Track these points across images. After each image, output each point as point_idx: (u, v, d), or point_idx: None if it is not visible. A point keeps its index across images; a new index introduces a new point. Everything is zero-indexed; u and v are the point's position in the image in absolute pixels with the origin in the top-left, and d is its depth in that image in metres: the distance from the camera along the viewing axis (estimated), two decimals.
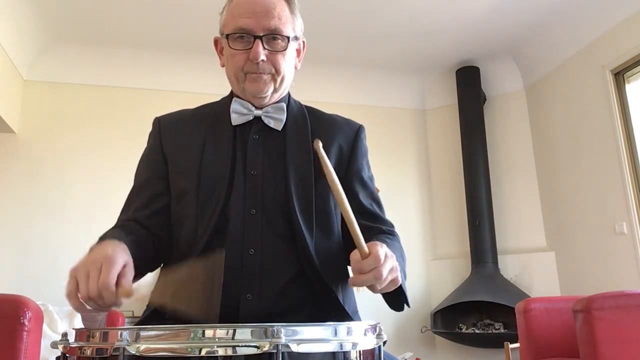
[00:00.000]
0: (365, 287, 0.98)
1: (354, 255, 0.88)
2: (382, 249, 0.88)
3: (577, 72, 4.08)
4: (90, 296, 0.81)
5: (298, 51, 1.19)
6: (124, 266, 0.86)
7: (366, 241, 1.00)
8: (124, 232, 1.03)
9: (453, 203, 4.71)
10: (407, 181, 4.81)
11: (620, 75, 3.74)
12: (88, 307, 0.83)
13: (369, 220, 1.14)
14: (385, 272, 0.87)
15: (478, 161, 4.50)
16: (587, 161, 3.96)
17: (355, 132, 1.20)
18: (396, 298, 1.00)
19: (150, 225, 1.10)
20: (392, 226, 1.17)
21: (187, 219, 1.07)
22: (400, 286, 0.95)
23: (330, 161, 1.12)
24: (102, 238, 1.00)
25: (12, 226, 3.88)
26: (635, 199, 3.54)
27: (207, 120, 1.16)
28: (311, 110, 1.21)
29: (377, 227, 1.13)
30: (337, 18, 3.95)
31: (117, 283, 0.83)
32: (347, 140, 1.17)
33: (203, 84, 4.12)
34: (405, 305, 1.02)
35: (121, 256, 0.87)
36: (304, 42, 1.20)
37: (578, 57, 4.07)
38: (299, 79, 1.20)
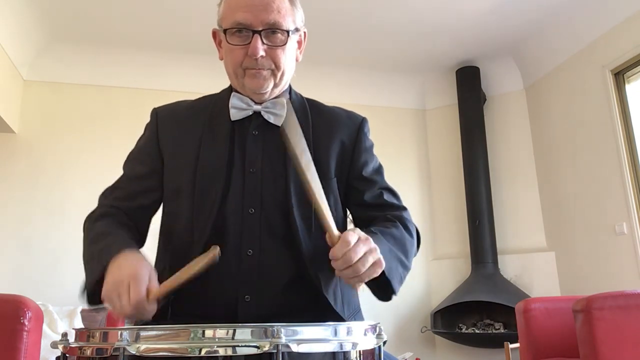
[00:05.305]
0: (364, 286, 0.97)
1: (328, 241, 0.88)
2: (353, 234, 0.87)
3: (577, 72, 4.08)
4: (127, 315, 0.85)
5: (299, 43, 1.15)
6: (149, 276, 0.89)
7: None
8: (124, 232, 1.03)
9: (453, 203, 4.71)
10: (407, 181, 4.80)
11: (620, 75, 3.74)
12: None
13: (377, 211, 1.12)
14: (356, 256, 0.85)
15: (478, 161, 4.50)
16: (587, 161, 3.95)
17: (358, 126, 1.17)
18: (382, 286, 0.97)
19: (135, 218, 1.10)
20: (402, 209, 1.14)
21: (182, 217, 1.05)
22: (384, 272, 0.92)
23: (333, 157, 1.10)
24: (106, 244, 0.99)
25: (12, 226, 3.88)
26: (635, 199, 3.54)
27: (206, 113, 1.12)
28: (312, 104, 1.18)
29: (382, 215, 1.11)
30: (337, 18, 3.95)
31: (147, 291, 0.87)
32: (350, 135, 1.15)
33: (203, 83, 4.11)
34: (393, 298, 0.99)
35: (145, 268, 0.90)
36: (305, 32, 1.15)
37: (578, 57, 4.07)
38: (297, 79, 1.19)
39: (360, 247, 0.86)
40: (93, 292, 0.95)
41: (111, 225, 1.05)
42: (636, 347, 2.03)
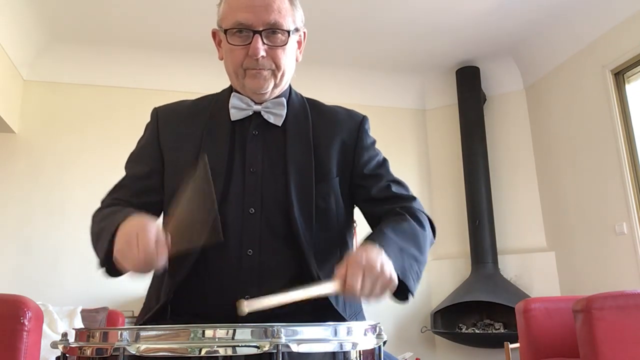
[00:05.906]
0: None
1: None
2: (356, 268, 0.86)
3: (577, 72, 4.08)
4: (138, 266, 0.87)
5: (299, 43, 1.15)
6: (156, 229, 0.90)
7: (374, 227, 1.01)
8: (132, 208, 1.04)
9: (453, 203, 4.71)
10: (407, 181, 4.75)
11: (620, 75, 3.74)
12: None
13: (386, 204, 1.12)
14: (364, 293, 0.86)
15: (478, 161, 4.49)
16: (587, 161, 3.95)
17: (358, 124, 1.17)
18: (399, 288, 0.96)
19: None
20: (412, 199, 1.14)
21: None
22: (399, 275, 0.92)
23: (334, 157, 1.11)
24: (113, 216, 1.00)
25: (12, 226, 3.87)
26: (635, 199, 3.54)
27: (206, 113, 1.13)
28: (313, 104, 1.19)
29: (392, 208, 1.11)
30: (337, 18, 3.95)
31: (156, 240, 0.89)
32: (351, 134, 1.15)
33: (203, 83, 4.11)
34: (410, 299, 0.99)
35: (152, 222, 0.91)
36: (304, 33, 1.16)
37: (578, 57, 4.07)
38: (297, 79, 1.19)
39: (367, 283, 0.86)
40: (110, 264, 0.96)
41: (118, 207, 1.06)
42: (636, 347, 2.03)
